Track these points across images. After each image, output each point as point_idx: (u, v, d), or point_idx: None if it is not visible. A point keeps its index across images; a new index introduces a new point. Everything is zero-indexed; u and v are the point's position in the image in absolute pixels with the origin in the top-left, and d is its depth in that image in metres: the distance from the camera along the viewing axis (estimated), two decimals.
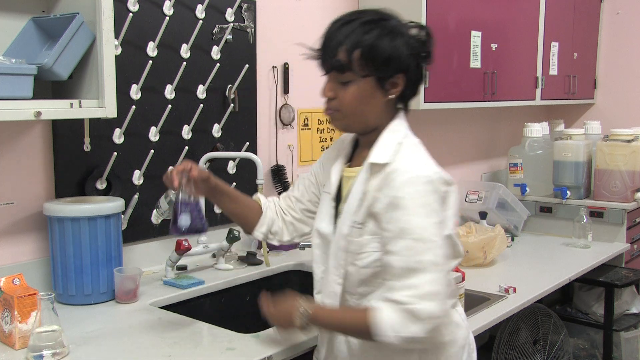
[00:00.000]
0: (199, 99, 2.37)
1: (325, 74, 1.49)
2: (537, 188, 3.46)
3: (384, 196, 1.39)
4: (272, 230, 1.70)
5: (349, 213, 1.47)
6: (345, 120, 1.50)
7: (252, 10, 2.54)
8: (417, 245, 1.34)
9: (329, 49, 1.44)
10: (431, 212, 1.36)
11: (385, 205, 1.39)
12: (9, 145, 1.93)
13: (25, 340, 1.57)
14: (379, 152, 1.46)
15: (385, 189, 1.40)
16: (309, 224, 1.70)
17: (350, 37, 1.41)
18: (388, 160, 1.43)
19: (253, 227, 1.69)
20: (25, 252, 1.98)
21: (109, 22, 1.74)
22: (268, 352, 1.58)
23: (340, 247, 1.48)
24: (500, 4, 3.34)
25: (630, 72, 4.31)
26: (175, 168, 1.57)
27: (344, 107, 1.46)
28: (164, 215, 2.20)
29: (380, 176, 1.43)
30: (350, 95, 1.45)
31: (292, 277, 2.45)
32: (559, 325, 2.83)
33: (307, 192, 1.71)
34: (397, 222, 1.36)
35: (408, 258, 1.34)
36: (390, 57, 1.41)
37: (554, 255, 2.88)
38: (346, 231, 1.47)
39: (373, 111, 1.47)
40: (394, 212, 1.37)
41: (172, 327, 1.75)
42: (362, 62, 1.41)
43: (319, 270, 1.58)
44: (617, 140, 3.30)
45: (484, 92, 3.23)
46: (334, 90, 1.47)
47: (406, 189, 1.36)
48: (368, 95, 1.45)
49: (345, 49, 1.41)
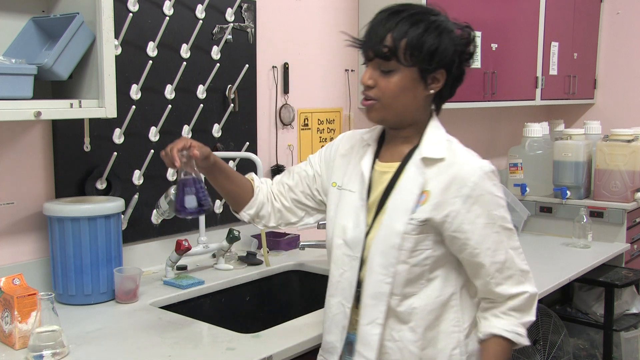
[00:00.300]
0: (199, 99, 2.37)
1: (368, 62, 1.46)
2: (537, 188, 3.46)
3: (457, 195, 1.42)
4: (260, 214, 1.65)
5: (405, 209, 1.44)
6: (384, 112, 1.47)
7: (252, 10, 2.54)
8: (502, 236, 1.45)
9: (376, 35, 1.42)
10: (503, 203, 1.47)
11: (462, 204, 1.42)
12: (9, 145, 1.93)
13: (25, 340, 1.57)
14: (431, 148, 1.47)
15: (457, 188, 1.42)
16: (297, 215, 1.68)
17: (399, 26, 1.41)
18: (444, 156, 1.45)
19: (242, 208, 1.64)
20: (25, 252, 1.98)
21: (109, 22, 1.74)
22: (268, 352, 1.58)
23: (393, 245, 1.44)
24: (500, 4, 3.34)
25: (630, 72, 4.30)
26: (174, 145, 1.50)
27: (385, 97, 1.45)
28: (164, 215, 2.20)
29: (437, 172, 1.44)
30: (392, 84, 1.43)
31: (292, 277, 2.45)
32: (559, 325, 2.83)
33: (301, 183, 1.67)
34: (479, 218, 1.42)
35: (496, 252, 1.44)
36: (436, 51, 1.42)
37: (554, 255, 2.88)
38: (401, 228, 1.43)
39: (411, 104, 1.46)
40: (474, 208, 1.42)
41: (172, 327, 1.75)
42: (408, 52, 1.41)
43: (337, 272, 1.53)
44: (617, 140, 3.29)
45: (484, 92, 3.23)
46: (374, 78, 1.45)
47: (482, 185, 1.43)
48: (410, 86, 1.44)
49: (392, 37, 1.41)
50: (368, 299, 1.47)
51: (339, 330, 1.52)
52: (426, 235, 1.44)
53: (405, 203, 1.44)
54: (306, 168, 1.68)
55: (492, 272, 1.44)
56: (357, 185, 1.53)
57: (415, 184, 1.45)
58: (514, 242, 1.48)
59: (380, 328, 1.46)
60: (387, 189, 1.49)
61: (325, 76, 2.91)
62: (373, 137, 1.58)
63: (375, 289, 1.46)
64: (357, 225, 1.50)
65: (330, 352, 1.56)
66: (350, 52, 2.98)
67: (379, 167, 1.54)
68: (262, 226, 1.69)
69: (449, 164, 1.44)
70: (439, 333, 1.48)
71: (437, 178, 1.44)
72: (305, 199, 1.67)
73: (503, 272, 1.45)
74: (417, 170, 1.46)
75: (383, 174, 1.52)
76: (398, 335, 1.46)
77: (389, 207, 1.47)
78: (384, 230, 1.45)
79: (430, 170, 1.45)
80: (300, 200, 1.67)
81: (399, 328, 1.46)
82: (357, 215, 1.51)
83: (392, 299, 1.45)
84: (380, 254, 1.45)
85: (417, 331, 1.46)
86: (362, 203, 1.51)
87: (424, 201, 1.43)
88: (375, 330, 1.46)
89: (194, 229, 2.36)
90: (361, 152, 1.58)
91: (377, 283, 1.45)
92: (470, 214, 1.42)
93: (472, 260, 1.45)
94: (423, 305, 1.45)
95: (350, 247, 1.50)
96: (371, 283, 1.46)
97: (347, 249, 1.51)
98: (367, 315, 1.47)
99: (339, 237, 1.53)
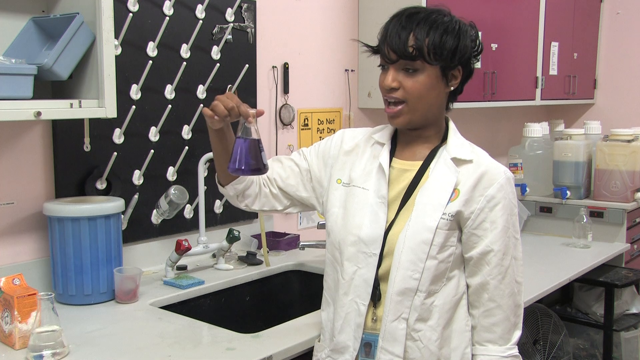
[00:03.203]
0: (199, 99, 2.37)
1: (390, 64, 1.46)
2: (537, 188, 3.46)
3: (482, 194, 1.47)
4: (246, 192, 1.61)
5: (437, 205, 1.46)
6: (410, 115, 1.48)
7: (252, 10, 2.54)
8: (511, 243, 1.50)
9: (399, 37, 1.43)
10: (517, 212, 1.53)
11: (486, 203, 1.46)
12: (9, 145, 1.93)
13: (25, 340, 1.57)
14: (458, 149, 1.52)
15: (483, 187, 1.47)
16: (282, 203, 1.66)
17: (420, 26, 1.43)
18: (472, 158, 1.50)
19: (230, 180, 1.59)
20: (25, 252, 1.98)
21: (109, 22, 1.74)
22: (268, 352, 1.58)
23: (423, 240, 1.44)
24: (500, 4, 3.34)
25: (630, 72, 4.30)
26: (238, 102, 1.43)
27: (412, 97, 1.46)
28: (164, 215, 2.21)
29: (466, 172, 1.48)
30: (419, 84, 1.45)
31: (292, 277, 2.45)
32: (559, 325, 2.83)
33: (292, 175, 1.65)
34: (499, 219, 1.47)
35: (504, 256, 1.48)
36: (457, 48, 1.46)
37: (554, 255, 2.88)
38: (433, 224, 1.45)
39: (435, 102, 1.50)
40: (496, 209, 1.47)
41: (172, 327, 1.75)
42: (432, 50, 1.43)
43: (351, 270, 1.50)
44: (617, 140, 3.30)
45: (484, 92, 3.23)
46: (399, 80, 1.46)
47: (506, 189, 1.48)
48: (435, 84, 1.47)
49: (416, 37, 1.42)
50: (394, 295, 1.46)
51: (352, 329, 1.51)
52: (453, 231, 1.47)
53: (438, 199, 1.47)
54: (300, 162, 1.66)
55: (495, 274, 1.48)
56: (373, 183, 1.52)
57: (448, 181, 1.48)
58: (518, 253, 1.53)
59: (405, 324, 1.46)
60: (411, 186, 1.51)
61: (325, 76, 2.91)
62: (386, 136, 1.59)
63: (402, 284, 1.45)
64: (376, 221, 1.49)
65: (340, 352, 1.53)
66: (350, 52, 2.98)
67: (397, 164, 1.55)
68: (244, 206, 1.64)
69: (477, 165, 1.49)
70: (453, 332, 1.50)
71: (466, 177, 1.48)
72: (292, 190, 1.65)
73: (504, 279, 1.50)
74: (449, 170, 1.49)
75: (404, 172, 1.53)
76: (417, 335, 1.47)
77: (418, 203, 1.48)
78: (414, 226, 1.46)
79: (460, 169, 1.49)
80: (287, 191, 1.65)
81: (419, 327, 1.47)
82: (374, 212, 1.50)
83: (417, 296, 1.46)
84: (409, 250, 1.45)
85: (436, 330, 1.47)
86: (380, 200, 1.51)
87: (454, 198, 1.47)
88: (402, 325, 1.46)
89: (194, 229, 2.36)
90: (371, 151, 1.58)
91: (405, 279, 1.45)
92: (492, 214, 1.47)
93: (480, 257, 1.48)
94: (442, 304, 1.47)
95: (366, 244, 1.49)
96: (398, 279, 1.46)
97: (362, 246, 1.49)
98: (393, 312, 1.47)
99: (352, 235, 1.51)
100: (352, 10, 3.01)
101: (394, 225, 1.49)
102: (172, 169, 2.31)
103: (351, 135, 1.64)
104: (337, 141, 1.64)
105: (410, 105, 1.46)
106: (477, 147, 1.57)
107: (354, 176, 1.56)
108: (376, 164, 1.54)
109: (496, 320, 1.49)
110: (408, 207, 1.49)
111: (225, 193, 1.62)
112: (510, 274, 1.49)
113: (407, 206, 1.49)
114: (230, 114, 1.43)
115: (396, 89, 1.46)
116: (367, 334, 1.51)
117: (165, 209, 2.17)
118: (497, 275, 1.48)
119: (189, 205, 2.36)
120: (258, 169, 1.45)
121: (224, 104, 1.43)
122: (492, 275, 1.48)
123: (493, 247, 1.47)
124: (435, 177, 1.49)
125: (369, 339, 1.50)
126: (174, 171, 2.31)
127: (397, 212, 1.50)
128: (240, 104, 1.43)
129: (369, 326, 1.50)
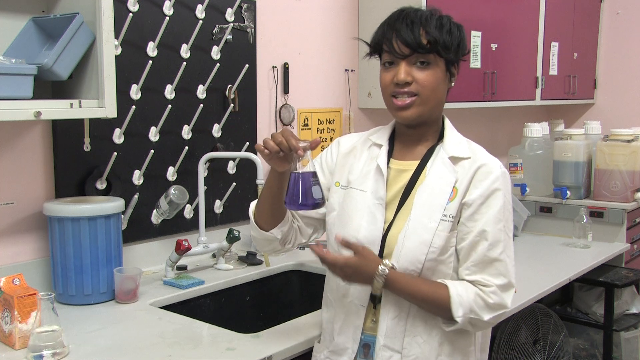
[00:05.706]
0: (199, 99, 2.37)
1: (401, 59, 1.46)
2: (537, 188, 3.46)
3: (477, 188, 1.46)
4: (288, 234, 1.59)
5: (436, 205, 1.45)
6: (422, 107, 1.48)
7: (252, 10, 2.54)
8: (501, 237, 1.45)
9: (412, 31, 1.44)
10: (511, 209, 1.51)
11: (479, 194, 1.45)
12: (9, 145, 1.93)
13: (25, 340, 1.57)
14: (455, 147, 1.52)
15: (478, 182, 1.47)
16: (306, 234, 1.63)
17: (429, 20, 1.45)
18: (470, 155, 1.50)
19: (278, 223, 1.55)
20: (25, 252, 1.98)
21: (109, 22, 1.74)
22: (268, 352, 1.58)
23: (423, 241, 1.44)
24: (500, 4, 3.34)
25: (630, 72, 4.30)
26: (288, 135, 1.40)
27: (425, 89, 1.46)
28: (164, 215, 2.21)
29: (463, 169, 1.48)
30: (432, 77, 1.46)
31: (292, 277, 2.45)
32: (559, 325, 2.83)
33: None
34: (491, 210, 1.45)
35: (493, 247, 1.44)
36: (461, 42, 1.49)
37: (554, 255, 2.88)
38: (433, 224, 1.44)
39: (442, 97, 1.52)
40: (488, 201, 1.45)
41: (172, 327, 1.75)
42: (443, 43, 1.45)
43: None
44: (617, 140, 3.30)
45: (484, 92, 3.23)
46: (411, 74, 1.46)
47: (501, 182, 1.47)
48: (443, 78, 1.50)
49: (426, 31, 1.44)
50: (390, 294, 1.47)
51: (351, 331, 1.52)
52: (453, 232, 1.46)
53: (437, 199, 1.46)
54: None
55: (477, 261, 1.44)
56: (370, 184, 1.52)
57: (446, 181, 1.48)
58: (509, 251, 1.48)
59: (404, 321, 1.47)
60: (409, 186, 1.50)
61: (325, 76, 2.90)
62: (384, 137, 1.59)
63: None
64: (373, 223, 1.49)
65: (339, 354, 1.54)
66: (350, 52, 2.98)
67: (395, 165, 1.55)
68: (284, 250, 1.61)
69: (473, 161, 1.50)
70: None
71: (463, 175, 1.48)
72: (315, 214, 1.62)
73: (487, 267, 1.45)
74: (447, 169, 1.49)
75: (401, 172, 1.53)
76: (417, 331, 1.47)
77: (416, 204, 1.47)
78: (412, 227, 1.46)
79: (458, 167, 1.49)
80: (313, 216, 1.63)
81: (419, 324, 1.47)
82: (371, 213, 1.50)
83: None
84: (408, 250, 1.45)
85: (436, 326, 1.47)
86: (378, 201, 1.51)
87: (452, 197, 1.47)
88: (402, 322, 1.47)
89: (194, 229, 2.36)
90: (369, 152, 1.58)
91: None
92: (484, 206, 1.46)
93: (468, 247, 1.45)
94: None
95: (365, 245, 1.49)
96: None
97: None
98: (393, 310, 1.47)
99: (350, 237, 1.49)
100: (352, 10, 3.01)
101: (393, 226, 1.49)
102: (172, 169, 2.31)
103: (347, 139, 1.65)
104: (335, 147, 1.65)
105: (422, 97, 1.47)
106: (474, 143, 1.57)
107: (351, 178, 1.57)
108: (374, 165, 1.54)
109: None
110: (406, 207, 1.49)
111: (268, 238, 1.56)
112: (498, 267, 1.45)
113: (405, 206, 1.49)
114: (281, 149, 1.40)
115: (409, 82, 1.46)
116: (366, 335, 1.51)
117: (165, 209, 2.17)
118: (479, 264, 1.44)
119: (189, 205, 2.36)
120: (317, 203, 1.42)
121: (274, 138, 1.41)
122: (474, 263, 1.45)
123: (481, 236, 1.44)
124: (433, 177, 1.49)
125: (367, 340, 1.51)
126: (174, 171, 2.31)
127: (395, 212, 1.50)
128: (290, 138, 1.39)
129: (368, 327, 1.51)
